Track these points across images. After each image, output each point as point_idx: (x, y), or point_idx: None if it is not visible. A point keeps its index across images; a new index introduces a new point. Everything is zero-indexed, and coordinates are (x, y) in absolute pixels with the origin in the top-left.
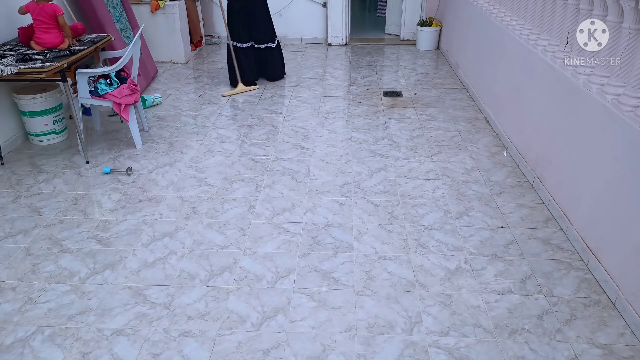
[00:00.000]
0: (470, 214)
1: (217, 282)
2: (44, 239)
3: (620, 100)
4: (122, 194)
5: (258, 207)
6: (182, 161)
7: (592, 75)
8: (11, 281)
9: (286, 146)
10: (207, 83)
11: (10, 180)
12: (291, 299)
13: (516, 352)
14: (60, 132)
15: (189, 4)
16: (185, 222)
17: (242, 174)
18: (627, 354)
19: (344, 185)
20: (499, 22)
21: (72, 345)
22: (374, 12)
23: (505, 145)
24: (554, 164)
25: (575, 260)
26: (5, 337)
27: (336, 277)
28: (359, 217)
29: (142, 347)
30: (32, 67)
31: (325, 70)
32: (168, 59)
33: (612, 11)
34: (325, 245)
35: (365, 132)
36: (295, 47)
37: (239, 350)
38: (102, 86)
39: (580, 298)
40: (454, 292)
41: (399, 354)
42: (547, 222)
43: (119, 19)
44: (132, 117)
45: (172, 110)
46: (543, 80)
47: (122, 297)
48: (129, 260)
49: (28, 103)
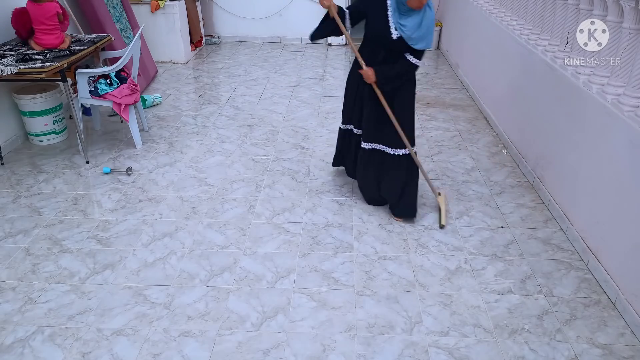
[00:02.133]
0: (470, 214)
1: (217, 282)
2: (44, 239)
3: (621, 100)
4: (122, 194)
5: (258, 207)
6: (182, 161)
7: (593, 75)
8: (11, 281)
9: (286, 146)
10: (207, 83)
11: (10, 180)
12: (291, 299)
13: (516, 352)
14: (60, 132)
15: (189, 4)
16: (185, 222)
17: (242, 174)
18: (627, 354)
19: (344, 185)
20: (499, 22)
21: (72, 345)
22: None
23: (505, 145)
24: (554, 164)
25: (575, 260)
26: (5, 337)
27: (336, 277)
28: (359, 217)
29: (142, 347)
30: (32, 67)
31: (325, 70)
32: (168, 59)
33: (612, 11)
34: (325, 245)
35: None
36: (295, 47)
37: (239, 350)
38: (102, 86)
39: (580, 298)
40: (454, 292)
41: (399, 354)
42: (547, 222)
43: (119, 19)
44: (132, 117)
45: (172, 110)
46: (543, 80)
47: (122, 297)
48: (129, 260)
49: (28, 103)
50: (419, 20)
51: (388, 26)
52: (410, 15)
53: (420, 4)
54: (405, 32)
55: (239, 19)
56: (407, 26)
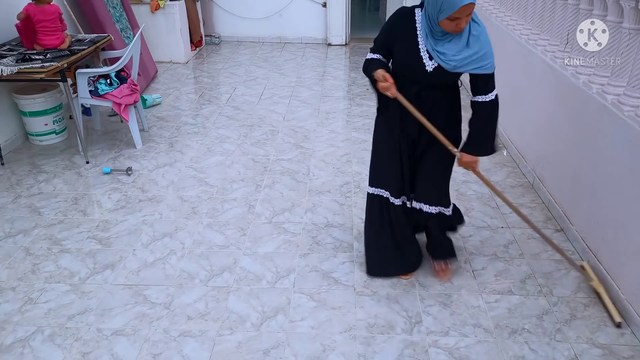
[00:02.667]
0: (470, 214)
1: (217, 282)
2: (44, 239)
3: (620, 100)
4: (122, 194)
5: (258, 207)
6: (182, 161)
7: (592, 75)
8: (11, 281)
9: (286, 146)
10: (207, 83)
11: (10, 180)
12: (291, 299)
13: (516, 352)
14: (60, 132)
15: (189, 4)
16: (185, 222)
17: (242, 174)
18: (627, 354)
19: (344, 185)
20: (499, 22)
21: (72, 345)
22: (374, 12)
23: (505, 145)
24: (553, 164)
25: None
26: (5, 337)
27: (336, 277)
28: (359, 217)
29: (142, 347)
30: (32, 67)
31: (325, 70)
32: (168, 59)
33: (612, 11)
34: (325, 245)
35: (365, 132)
36: (295, 47)
37: (239, 350)
38: (102, 86)
39: (580, 298)
40: (454, 292)
41: (399, 354)
42: (547, 222)
43: (119, 19)
44: (132, 117)
45: (172, 110)
46: (543, 80)
47: (122, 297)
48: (129, 260)
49: (28, 103)
50: (463, 42)
51: (419, 56)
52: (449, 39)
53: (457, 28)
54: (445, 61)
55: (238, 19)
56: (448, 53)
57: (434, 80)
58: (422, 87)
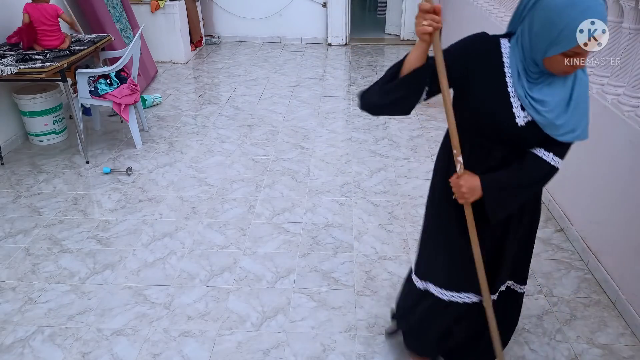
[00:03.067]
0: None
1: (217, 282)
2: (44, 239)
3: (620, 100)
4: (122, 194)
5: (258, 207)
6: (182, 161)
7: (592, 76)
8: (11, 281)
9: (286, 146)
10: (207, 83)
11: (10, 180)
12: (291, 299)
13: (516, 352)
14: (60, 132)
15: (189, 4)
16: (185, 222)
17: (242, 174)
18: (627, 354)
19: (344, 185)
20: (499, 22)
21: (72, 345)
22: (374, 12)
23: None
24: None
25: (575, 260)
26: (5, 337)
27: (336, 277)
28: (359, 217)
29: (142, 347)
30: (32, 67)
31: (325, 70)
32: (168, 59)
33: (612, 11)
34: (325, 245)
35: (365, 132)
36: (295, 47)
37: (239, 350)
38: (102, 86)
39: (580, 298)
40: None
41: (399, 353)
42: (547, 222)
43: (119, 19)
44: (132, 117)
45: (172, 110)
46: None
47: (122, 297)
48: (129, 260)
49: (28, 103)
50: (567, 92)
51: (509, 103)
52: (550, 83)
53: (571, 68)
54: (542, 114)
55: (239, 19)
56: (548, 101)
57: (524, 140)
58: (509, 149)
